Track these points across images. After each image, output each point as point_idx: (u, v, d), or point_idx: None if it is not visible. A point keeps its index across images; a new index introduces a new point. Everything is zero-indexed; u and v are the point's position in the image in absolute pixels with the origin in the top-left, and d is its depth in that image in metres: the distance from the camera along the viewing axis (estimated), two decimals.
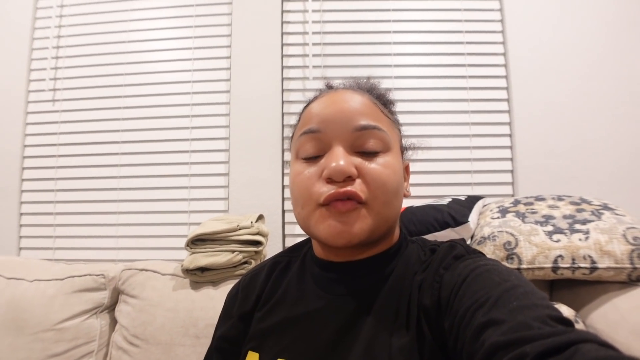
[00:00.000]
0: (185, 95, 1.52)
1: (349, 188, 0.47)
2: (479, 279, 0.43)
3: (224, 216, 1.31)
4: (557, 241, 0.94)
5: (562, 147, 1.43)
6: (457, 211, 1.06)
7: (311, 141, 0.51)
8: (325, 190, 0.48)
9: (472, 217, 1.07)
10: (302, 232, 1.41)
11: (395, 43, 1.52)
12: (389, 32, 1.52)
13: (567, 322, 0.35)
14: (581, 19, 1.49)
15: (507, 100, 1.48)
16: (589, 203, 1.04)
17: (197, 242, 1.15)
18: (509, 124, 1.47)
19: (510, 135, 1.46)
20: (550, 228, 0.97)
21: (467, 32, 1.52)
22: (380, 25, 1.53)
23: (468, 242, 1.10)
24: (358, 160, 0.49)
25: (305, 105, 0.59)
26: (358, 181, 0.48)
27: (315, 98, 0.57)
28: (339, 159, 0.47)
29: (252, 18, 1.52)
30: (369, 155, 0.50)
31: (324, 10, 1.54)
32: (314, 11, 1.53)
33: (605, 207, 1.01)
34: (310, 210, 0.50)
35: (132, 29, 1.57)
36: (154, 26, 1.57)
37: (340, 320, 0.51)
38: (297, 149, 0.53)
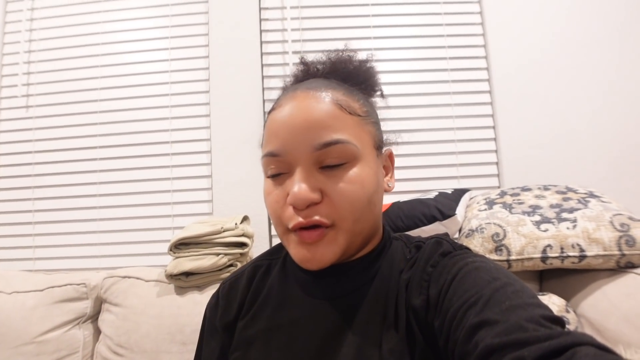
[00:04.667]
0: (163, 97, 1.48)
1: (314, 217, 0.46)
2: (469, 277, 0.42)
3: (208, 219, 1.28)
4: (545, 231, 0.93)
5: (546, 137, 1.43)
6: (445, 204, 1.05)
7: (274, 163, 0.48)
8: (292, 216, 0.47)
9: (460, 210, 1.06)
10: None
11: (375, 36, 1.50)
12: (369, 27, 1.51)
13: (560, 322, 0.35)
14: (563, 7, 1.49)
15: (489, 92, 1.47)
16: (574, 192, 1.04)
17: (181, 246, 1.12)
18: (492, 115, 1.46)
19: (493, 127, 1.46)
20: (537, 218, 0.97)
21: (447, 24, 1.51)
22: (360, 20, 1.52)
23: (456, 235, 1.10)
24: (322, 179, 0.47)
25: (269, 111, 0.54)
26: (324, 202, 0.46)
27: (276, 106, 0.52)
28: (297, 186, 0.45)
29: (229, 16, 1.48)
30: (334, 170, 0.47)
31: (302, 7, 1.52)
32: (292, 8, 1.51)
33: (591, 195, 1.01)
34: (282, 232, 0.50)
35: (106, 30, 1.53)
36: (128, 27, 1.53)
37: (327, 325, 0.50)
38: (264, 168, 0.51)
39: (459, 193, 1.17)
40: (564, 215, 0.95)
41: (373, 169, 0.50)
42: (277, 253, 0.63)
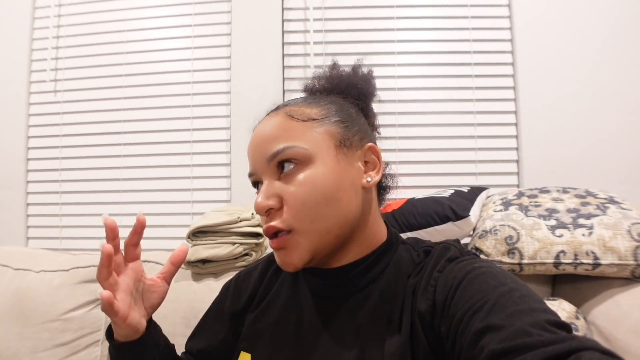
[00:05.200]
0: (185, 84, 1.51)
1: (271, 223, 0.49)
2: (475, 282, 0.42)
3: (226, 207, 1.31)
4: (560, 236, 0.92)
5: (568, 137, 1.39)
6: (459, 204, 1.05)
7: (253, 179, 0.54)
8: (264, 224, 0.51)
9: (474, 211, 1.05)
10: None
11: (398, 29, 1.48)
12: (392, 29, 1.48)
13: (566, 327, 0.35)
14: (589, 8, 1.42)
15: (513, 88, 1.44)
16: (594, 196, 1.02)
17: (199, 233, 1.15)
18: (515, 112, 1.43)
19: (515, 125, 1.43)
20: (553, 222, 0.96)
21: (472, 17, 1.47)
22: (384, 22, 1.49)
23: (469, 236, 1.09)
24: (280, 186, 0.50)
25: None
26: (284, 208, 0.49)
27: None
28: (259, 195, 0.50)
29: (251, 14, 1.48)
30: (289, 175, 0.50)
31: (326, 8, 1.50)
32: (315, 8, 1.49)
33: (611, 201, 0.99)
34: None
35: (132, 17, 1.55)
36: (154, 14, 1.55)
37: (332, 325, 0.51)
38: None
39: (475, 192, 1.16)
40: (581, 221, 0.93)
41: (329, 166, 0.50)
42: None
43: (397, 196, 0.62)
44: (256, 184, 0.54)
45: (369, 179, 0.53)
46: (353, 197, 0.51)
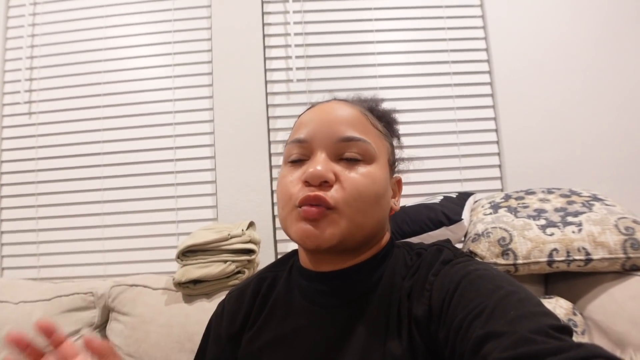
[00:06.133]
0: (167, 102, 1.49)
1: (319, 193, 0.48)
2: (472, 286, 0.42)
3: (214, 225, 1.29)
4: (551, 235, 0.94)
5: (548, 139, 1.44)
6: (451, 209, 1.06)
7: (298, 149, 0.53)
8: (301, 193, 0.49)
9: (465, 215, 1.07)
10: None
11: (379, 49, 1.51)
12: (372, 42, 1.52)
13: (568, 330, 0.35)
14: (564, 10, 1.50)
15: (492, 95, 1.49)
16: (578, 195, 1.05)
17: (188, 253, 1.12)
18: (494, 119, 1.48)
19: (496, 130, 1.47)
20: (543, 222, 0.98)
21: (449, 28, 1.52)
22: (363, 35, 1.53)
23: (460, 241, 1.10)
24: (338, 167, 0.50)
25: (300, 114, 0.60)
26: (335, 187, 0.49)
27: (308, 109, 0.58)
28: (318, 164, 0.49)
29: (232, 21, 1.49)
30: (351, 163, 0.51)
31: (305, 11, 1.52)
32: (294, 12, 1.51)
33: (595, 198, 1.02)
34: (288, 211, 0.51)
35: (109, 35, 1.52)
36: (131, 32, 1.53)
37: (331, 333, 0.50)
38: (286, 155, 0.55)
39: (464, 197, 1.18)
40: (569, 219, 0.96)
41: (385, 174, 0.54)
42: (283, 264, 0.64)
43: None
44: (296, 148, 0.53)
45: (396, 204, 0.59)
46: (386, 211, 0.55)
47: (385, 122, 0.61)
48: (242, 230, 1.18)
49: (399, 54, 1.51)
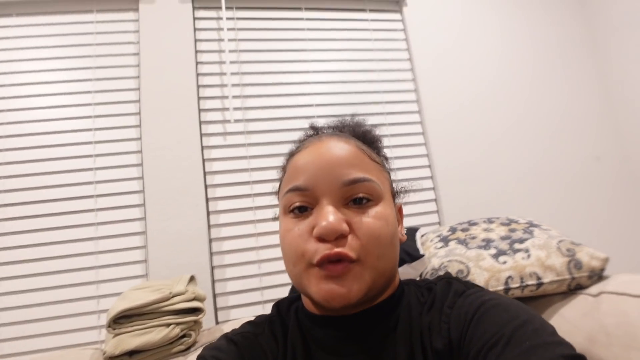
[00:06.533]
0: (86, 145, 1.31)
1: (340, 250, 0.44)
2: (487, 316, 0.42)
3: (147, 283, 1.12)
4: (504, 263, 0.98)
5: (479, 172, 1.56)
6: (409, 246, 1.06)
7: (299, 197, 0.48)
8: (317, 249, 0.45)
9: (422, 250, 1.08)
10: (235, 289, 1.27)
11: (314, 78, 1.53)
12: (307, 71, 1.54)
13: (581, 359, 0.35)
14: (488, 51, 1.68)
15: (423, 134, 1.58)
16: (517, 222, 1.13)
17: (122, 319, 0.95)
18: (427, 156, 1.56)
19: (429, 166, 1.56)
20: (494, 251, 1.02)
21: (381, 70, 1.61)
22: (297, 65, 1.54)
23: (418, 277, 1.10)
24: (349, 214, 0.47)
25: (289, 155, 0.56)
26: (350, 237, 0.45)
27: (300, 148, 0.53)
28: (329, 216, 0.45)
29: (162, 58, 1.39)
30: (361, 207, 0.47)
31: (241, 51, 1.49)
32: (230, 52, 1.47)
33: (532, 225, 1.10)
34: (302, 269, 0.46)
35: (17, 70, 1.32)
36: (44, 67, 1.34)
37: None
38: (285, 205, 0.50)
39: (412, 232, 1.20)
40: (516, 245, 1.01)
41: (393, 210, 0.51)
42: (284, 308, 0.57)
43: None
44: (299, 207, 0.48)
45: (403, 233, 0.55)
46: (399, 247, 0.52)
47: (377, 148, 0.58)
48: (185, 286, 1.05)
49: (332, 94, 1.55)
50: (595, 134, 1.74)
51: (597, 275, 0.93)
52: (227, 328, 1.03)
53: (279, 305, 0.59)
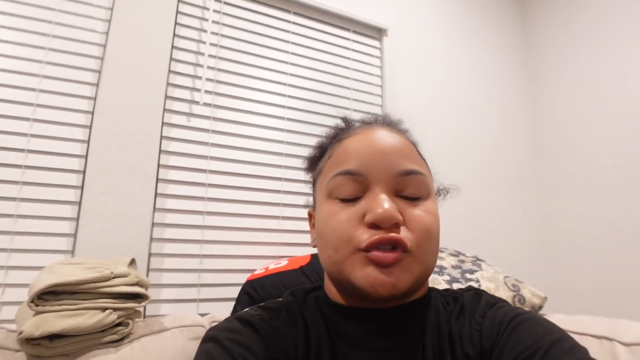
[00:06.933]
0: (30, 91, 1.12)
1: (395, 234, 0.43)
2: (523, 327, 0.43)
3: (79, 259, 0.97)
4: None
5: None
6: None
7: (349, 182, 0.47)
8: (368, 235, 0.44)
9: None
10: (171, 282, 1.17)
11: (289, 80, 1.51)
12: (285, 73, 1.52)
13: None
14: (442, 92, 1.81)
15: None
16: (464, 255, 1.21)
17: (47, 295, 0.80)
18: None
19: None
20: (447, 277, 1.07)
21: (353, 86, 1.65)
22: (276, 64, 1.51)
23: None
24: (401, 205, 0.46)
25: (332, 139, 0.55)
26: (402, 228, 0.45)
27: (349, 134, 0.52)
28: (385, 203, 0.44)
29: (138, 18, 1.27)
30: (412, 200, 0.47)
31: (222, 33, 1.42)
32: (212, 33, 1.40)
33: (478, 259, 1.19)
34: (346, 255, 0.45)
35: None
36: None
37: None
38: (331, 189, 0.48)
39: None
40: (468, 275, 1.08)
41: (437, 208, 0.52)
42: (298, 296, 0.54)
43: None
44: (347, 182, 0.47)
45: None
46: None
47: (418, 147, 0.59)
48: (127, 269, 0.93)
49: (304, 100, 1.54)
50: (524, 188, 1.96)
51: (536, 312, 1.02)
52: (167, 321, 0.93)
53: (294, 293, 0.55)
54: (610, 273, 1.64)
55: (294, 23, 1.57)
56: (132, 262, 1.02)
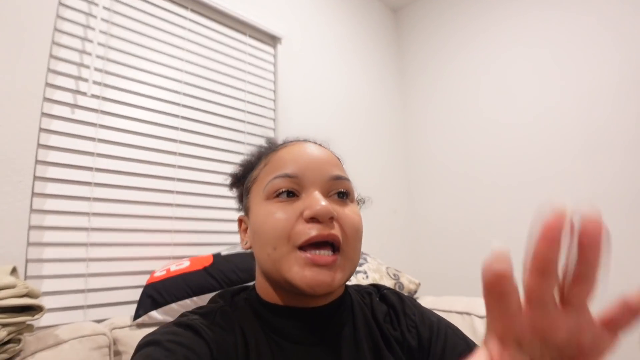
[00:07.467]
0: None
1: (332, 231, 0.48)
2: (449, 330, 0.57)
3: None
4: (350, 281, 1.19)
5: None
6: None
7: (287, 184, 0.51)
8: (307, 230, 0.48)
9: None
10: (53, 290, 1.10)
11: (182, 77, 1.49)
12: (178, 69, 1.48)
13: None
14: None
15: None
16: None
17: None
18: None
19: None
20: None
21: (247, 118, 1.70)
22: (169, 60, 1.47)
23: None
24: (333, 204, 0.51)
25: (265, 150, 0.60)
26: (336, 225, 0.50)
27: (284, 146, 0.58)
28: (322, 200, 0.48)
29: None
30: (342, 201, 0.53)
31: (113, 21, 1.32)
32: (103, 20, 1.28)
33: (363, 253, 1.38)
34: (284, 253, 0.48)
35: None
36: None
37: None
38: (270, 191, 0.52)
39: None
40: (357, 268, 1.25)
41: None
42: (227, 299, 0.57)
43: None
44: (285, 183, 0.51)
45: None
46: None
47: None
48: (11, 279, 0.83)
49: (197, 99, 1.54)
50: (394, 191, 2.27)
51: (412, 295, 1.24)
52: (62, 333, 0.86)
53: (223, 296, 0.58)
54: (466, 260, 2.02)
55: (190, 20, 1.54)
56: (14, 270, 0.90)
